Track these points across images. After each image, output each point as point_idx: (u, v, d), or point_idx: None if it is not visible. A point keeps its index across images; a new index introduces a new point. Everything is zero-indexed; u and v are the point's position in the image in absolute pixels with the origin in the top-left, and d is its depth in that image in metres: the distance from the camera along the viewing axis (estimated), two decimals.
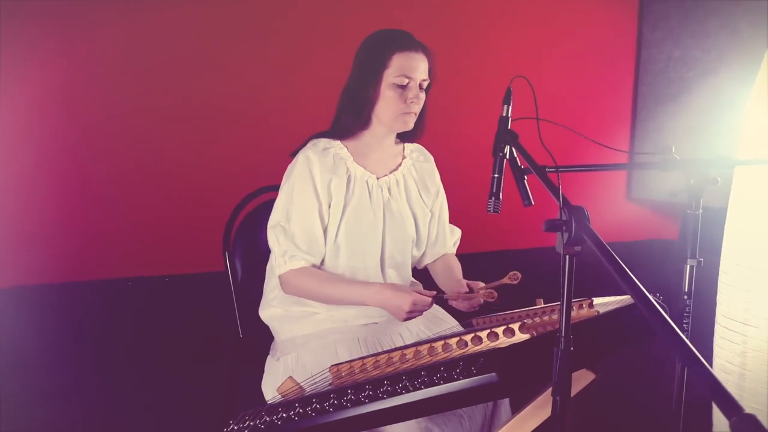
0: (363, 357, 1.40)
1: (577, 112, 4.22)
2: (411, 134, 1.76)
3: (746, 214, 1.97)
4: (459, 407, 1.13)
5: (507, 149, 1.38)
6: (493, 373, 1.10)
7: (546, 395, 1.35)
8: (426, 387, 1.13)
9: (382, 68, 1.62)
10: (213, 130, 3.59)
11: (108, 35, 3.35)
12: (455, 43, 4.01)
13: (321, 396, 1.20)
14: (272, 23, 3.63)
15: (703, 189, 1.53)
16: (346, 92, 1.69)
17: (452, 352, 1.28)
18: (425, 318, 1.75)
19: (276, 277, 1.71)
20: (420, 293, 1.55)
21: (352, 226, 1.66)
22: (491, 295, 1.54)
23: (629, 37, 4.45)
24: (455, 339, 1.30)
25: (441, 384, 1.12)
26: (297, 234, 1.63)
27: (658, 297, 1.55)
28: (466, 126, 3.87)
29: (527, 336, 1.26)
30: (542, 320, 1.48)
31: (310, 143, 1.69)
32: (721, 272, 2.05)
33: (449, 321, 1.75)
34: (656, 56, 4.36)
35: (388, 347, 1.62)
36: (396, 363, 1.33)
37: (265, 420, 1.22)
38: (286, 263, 1.62)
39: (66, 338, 3.08)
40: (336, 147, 1.69)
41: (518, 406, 1.39)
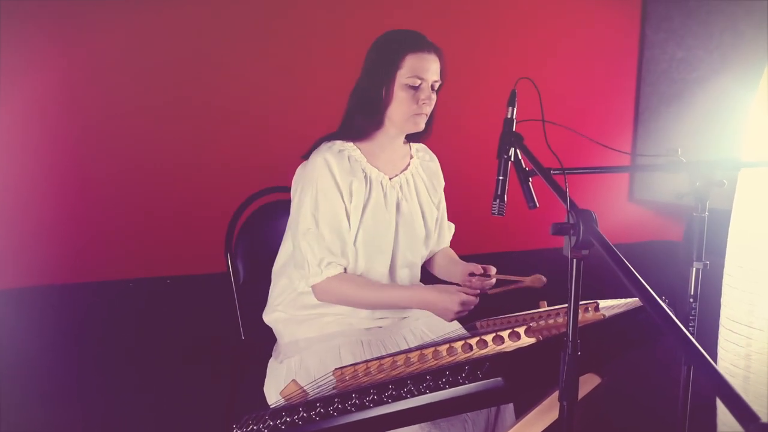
0: (367, 360, 1.39)
1: (580, 113, 4.21)
2: (419, 134, 1.76)
3: (750, 217, 1.96)
4: (464, 412, 1.12)
5: (512, 151, 1.37)
6: (499, 378, 1.09)
7: (551, 399, 1.34)
8: (431, 391, 1.12)
9: (395, 69, 1.61)
10: (214, 131, 3.58)
11: (108, 35, 3.34)
12: (458, 45, 3.99)
13: (325, 400, 1.19)
14: (272, 24, 3.63)
15: (709, 191, 1.52)
16: (357, 93, 1.68)
17: (457, 356, 1.27)
18: (429, 321, 1.75)
19: (282, 281, 1.69)
20: (467, 292, 1.55)
21: (370, 228, 1.65)
22: (539, 280, 1.55)
23: (632, 38, 4.44)
24: (460, 342, 1.29)
25: (446, 388, 1.11)
26: (328, 238, 1.61)
27: (664, 300, 1.53)
28: (471, 127, 3.86)
29: (533, 340, 1.25)
30: (547, 323, 1.47)
31: (324, 146, 1.67)
32: (725, 274, 2.04)
33: (453, 324, 1.74)
34: (659, 57, 4.35)
35: (393, 350, 1.61)
36: (401, 366, 1.31)
37: (269, 424, 1.21)
38: (323, 272, 1.60)
39: (67, 340, 3.07)
40: (349, 149, 1.68)
41: (523, 410, 1.38)
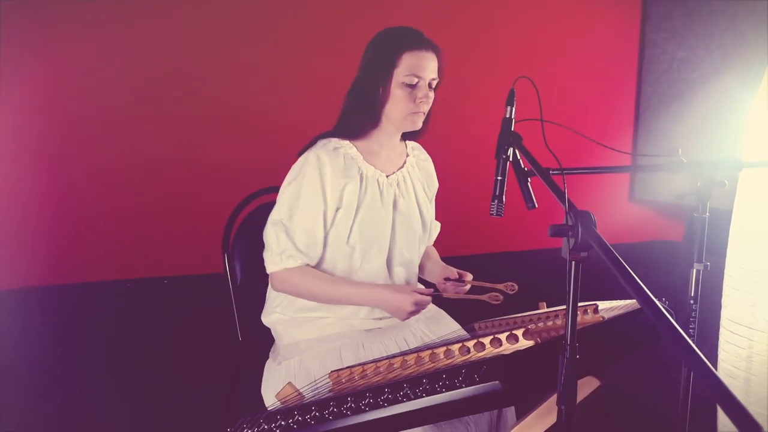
0: (363, 363, 1.38)
1: (580, 113, 4.20)
2: (415, 132, 1.75)
3: (751, 217, 1.94)
4: (461, 415, 1.11)
5: (510, 151, 1.36)
6: (496, 381, 1.07)
7: (551, 401, 1.33)
8: (428, 395, 1.11)
9: (392, 67, 1.60)
10: (212, 131, 3.57)
11: (107, 35, 3.33)
12: (458, 44, 3.98)
13: (320, 403, 1.18)
14: (272, 24, 3.61)
15: (710, 192, 1.50)
16: (354, 91, 1.67)
17: (455, 359, 1.26)
18: (429, 322, 1.74)
19: None
20: (420, 292, 1.56)
21: (366, 226, 1.65)
22: (496, 298, 1.52)
23: (632, 38, 4.42)
24: (458, 345, 1.28)
25: (443, 392, 1.10)
26: (298, 234, 1.61)
27: (664, 302, 1.52)
28: (471, 126, 3.85)
29: (531, 342, 1.23)
30: (546, 325, 1.45)
31: (320, 143, 1.66)
32: (726, 275, 2.03)
33: (452, 325, 1.73)
34: (659, 57, 4.34)
35: (393, 351, 1.60)
36: (397, 369, 1.30)
37: (263, 428, 1.20)
38: (282, 261, 1.60)
39: (65, 340, 3.06)
40: (346, 147, 1.67)
41: (524, 412, 1.37)
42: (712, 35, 4.07)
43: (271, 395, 1.58)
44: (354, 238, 1.64)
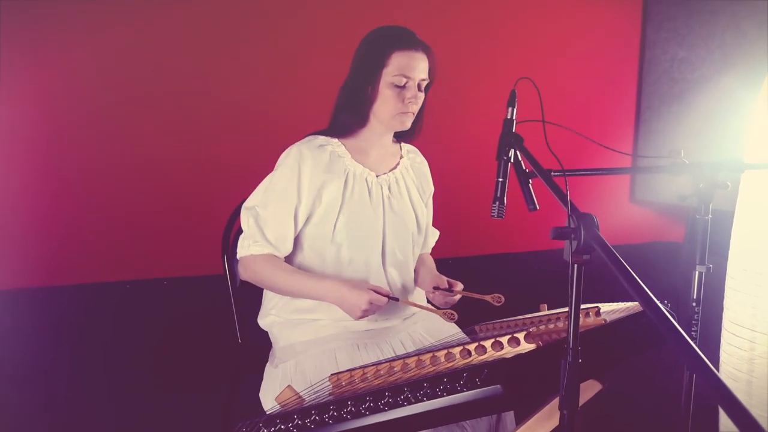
0: (364, 366, 1.37)
1: (581, 113, 4.19)
2: (408, 134, 1.74)
3: (754, 219, 1.93)
4: (463, 420, 1.10)
5: (511, 153, 1.35)
6: (498, 385, 1.07)
7: (552, 405, 1.32)
8: (429, 399, 1.10)
9: (381, 67, 1.59)
10: (212, 131, 3.56)
11: (106, 35, 3.32)
12: (459, 45, 3.98)
13: (320, 407, 1.17)
14: (273, 24, 3.60)
15: (713, 193, 1.49)
16: (345, 89, 1.67)
17: (456, 362, 1.25)
18: (427, 325, 1.73)
19: None
20: (377, 291, 1.53)
21: (353, 224, 1.63)
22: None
23: (633, 38, 4.41)
24: (459, 348, 1.27)
25: (444, 396, 1.09)
26: (269, 224, 1.61)
27: (666, 304, 1.51)
28: (472, 127, 3.84)
29: (533, 346, 1.22)
30: (548, 328, 1.44)
31: (306, 138, 1.67)
32: (728, 277, 2.02)
33: (451, 328, 1.72)
34: (660, 57, 4.33)
35: (388, 354, 1.59)
36: (398, 372, 1.29)
37: None
38: (250, 247, 1.60)
39: (63, 342, 3.04)
40: (333, 144, 1.66)
41: (523, 416, 1.36)
42: (713, 35, 4.06)
43: (270, 399, 1.57)
44: (340, 236, 1.63)
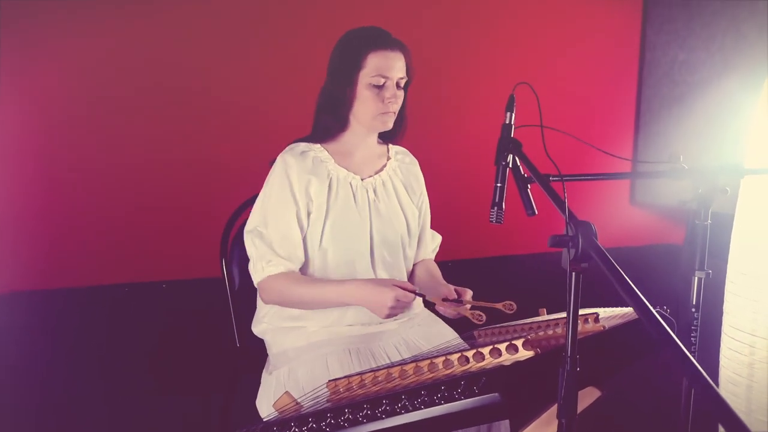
0: (362, 372, 1.36)
1: (580, 116, 4.18)
2: (393, 134, 1.72)
3: (753, 223, 1.93)
4: (461, 428, 1.09)
5: (510, 158, 1.34)
6: (496, 393, 1.06)
7: (550, 413, 1.31)
8: (426, 407, 1.09)
9: (357, 69, 1.58)
10: (211, 134, 3.55)
11: (105, 36, 3.32)
12: (458, 49, 3.98)
13: (317, 415, 1.16)
14: (273, 25, 3.60)
15: (712, 198, 1.49)
16: (323, 94, 1.67)
17: (454, 369, 1.24)
18: (422, 329, 1.71)
19: None
20: (403, 288, 1.50)
21: (338, 229, 1.62)
22: (479, 318, 1.48)
23: (633, 40, 4.40)
24: (457, 355, 1.26)
25: (441, 404, 1.09)
26: (275, 239, 1.59)
27: (666, 309, 1.51)
28: (472, 129, 3.84)
29: (531, 353, 1.22)
30: (546, 334, 1.44)
31: (288, 147, 1.66)
32: (728, 281, 2.01)
33: (448, 334, 1.70)
34: (660, 59, 4.32)
35: (381, 359, 1.58)
36: (396, 379, 1.29)
37: None
38: (264, 269, 1.58)
39: (60, 344, 3.04)
40: (315, 150, 1.65)
41: (521, 424, 1.35)
42: (714, 37, 4.05)
43: (266, 406, 1.56)
44: (326, 242, 1.61)
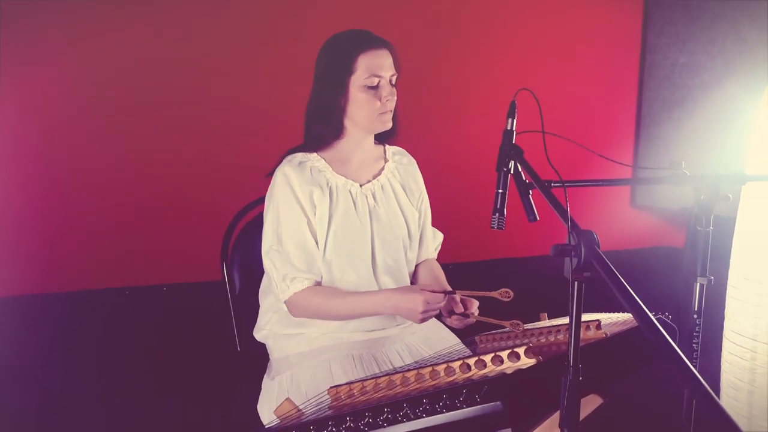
0: (363, 379, 1.36)
1: (581, 119, 4.18)
2: (390, 133, 1.70)
3: (755, 229, 1.93)
4: None
5: (511, 164, 1.34)
6: (498, 402, 1.06)
7: (552, 420, 1.31)
8: (428, 415, 1.09)
9: (349, 73, 1.57)
10: (212, 137, 3.55)
11: (105, 36, 3.32)
12: (458, 53, 3.98)
13: (319, 423, 1.16)
14: (273, 25, 3.60)
15: (714, 205, 1.49)
16: (313, 102, 1.64)
17: (455, 377, 1.24)
18: (424, 335, 1.71)
19: (269, 300, 1.66)
20: (431, 291, 1.50)
21: (341, 238, 1.61)
22: (506, 295, 1.47)
23: (634, 43, 4.40)
24: (458, 363, 1.26)
25: (443, 412, 1.09)
26: (292, 254, 1.58)
27: (667, 316, 1.50)
28: (470, 130, 3.84)
29: (533, 361, 1.21)
30: (548, 341, 1.43)
31: (285, 159, 1.64)
32: (730, 287, 2.02)
33: (451, 339, 1.70)
34: (661, 62, 4.31)
35: (384, 365, 1.58)
36: (398, 386, 1.28)
37: None
38: (289, 287, 1.57)
39: (61, 347, 3.04)
40: (312, 160, 1.64)
41: (522, 431, 1.35)
42: (714, 40, 4.05)
43: (267, 412, 1.56)
44: (330, 253, 1.60)
